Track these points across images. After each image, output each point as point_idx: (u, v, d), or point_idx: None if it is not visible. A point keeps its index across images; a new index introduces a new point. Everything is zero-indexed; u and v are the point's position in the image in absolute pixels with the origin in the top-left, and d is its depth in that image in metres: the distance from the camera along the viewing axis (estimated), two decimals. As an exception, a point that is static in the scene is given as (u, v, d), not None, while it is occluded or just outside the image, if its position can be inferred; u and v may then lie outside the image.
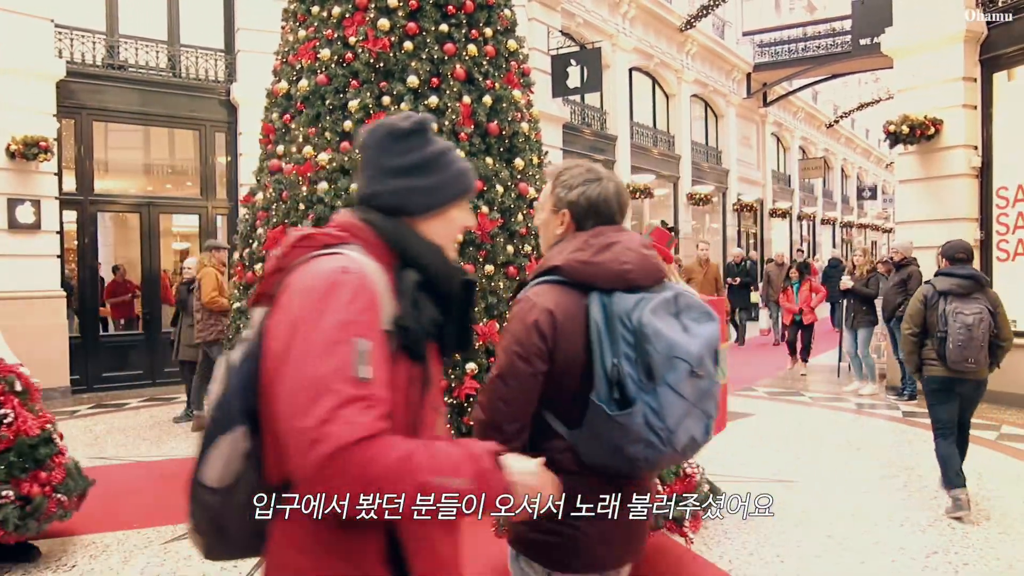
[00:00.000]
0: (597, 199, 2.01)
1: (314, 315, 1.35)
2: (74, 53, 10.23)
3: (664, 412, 1.76)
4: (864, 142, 37.29)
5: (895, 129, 9.55)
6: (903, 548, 4.41)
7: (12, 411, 4.16)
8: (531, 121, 5.89)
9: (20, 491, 4.03)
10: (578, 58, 14.27)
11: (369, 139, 1.64)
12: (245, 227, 5.78)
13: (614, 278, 1.87)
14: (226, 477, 1.42)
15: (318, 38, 5.48)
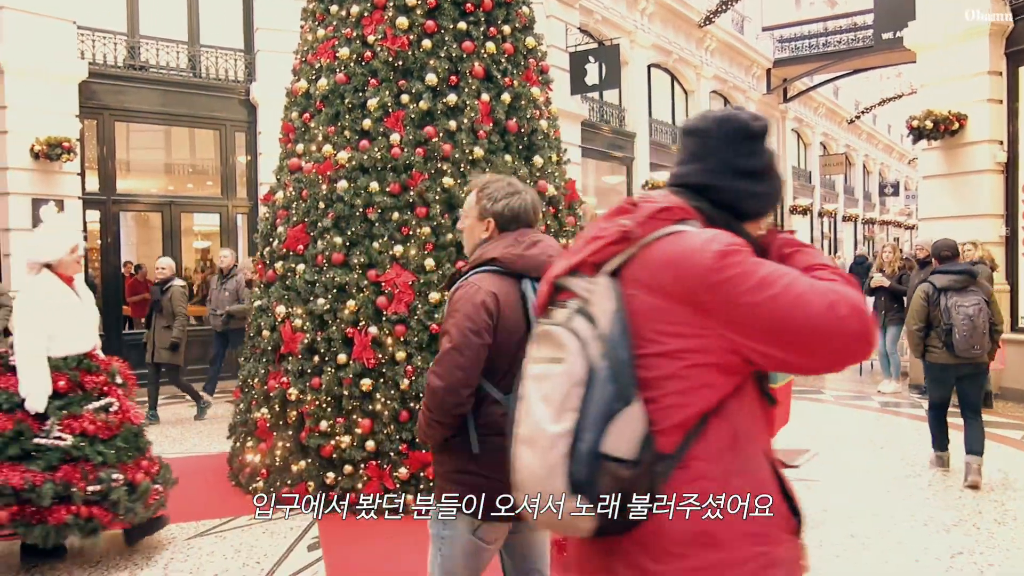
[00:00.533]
0: (519, 209, 2.41)
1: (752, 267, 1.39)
2: (96, 54, 10.33)
3: None
4: (886, 138, 36.91)
5: (918, 124, 9.44)
6: (927, 548, 4.36)
7: (116, 400, 4.30)
8: (550, 118, 5.88)
9: (127, 477, 4.16)
10: (596, 55, 14.22)
11: (717, 130, 1.61)
12: (265, 226, 5.82)
13: (543, 268, 2.16)
14: (634, 449, 1.40)
15: (337, 37, 5.50)
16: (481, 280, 2.31)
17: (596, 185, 17.53)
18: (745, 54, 22.16)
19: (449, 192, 5.13)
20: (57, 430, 4.03)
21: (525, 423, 1.48)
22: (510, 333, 2.27)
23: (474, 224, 2.47)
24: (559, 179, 5.80)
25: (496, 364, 2.27)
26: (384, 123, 5.24)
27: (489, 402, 2.28)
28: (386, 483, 4.90)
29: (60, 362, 4.16)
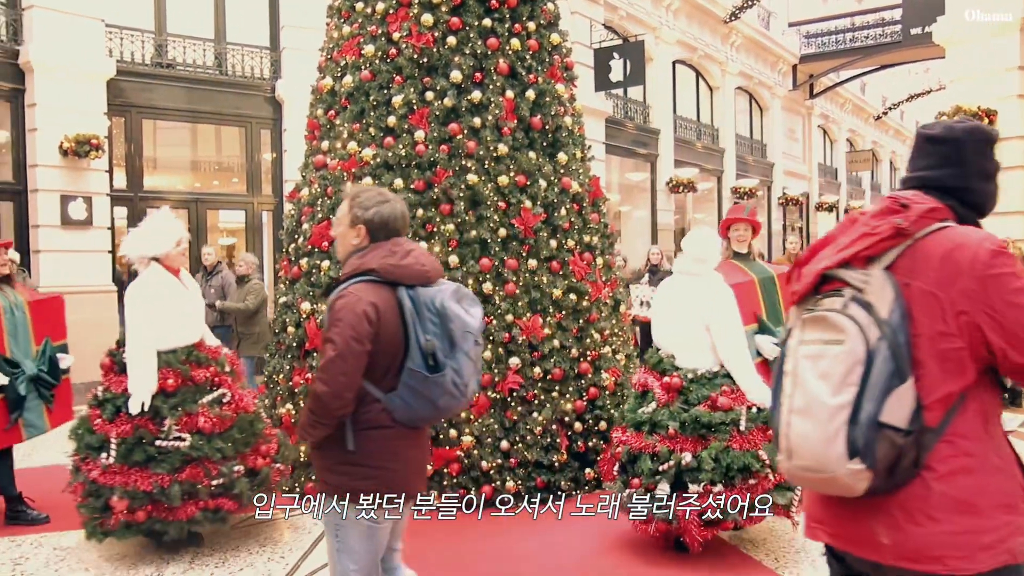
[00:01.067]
0: (388, 216, 2.57)
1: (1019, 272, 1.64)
2: (123, 52, 10.45)
3: (462, 371, 2.48)
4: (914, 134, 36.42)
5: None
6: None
7: (229, 390, 4.34)
8: (574, 115, 5.87)
9: (247, 464, 4.28)
10: (621, 51, 14.18)
11: (970, 139, 1.84)
12: (291, 223, 5.86)
13: (417, 276, 2.52)
14: (907, 419, 1.61)
15: (362, 34, 5.52)
16: (361, 290, 2.45)
17: (620, 182, 17.48)
18: (771, 50, 21.97)
19: (473, 189, 5.13)
20: (175, 431, 4.08)
21: (799, 396, 1.70)
22: (389, 338, 2.45)
23: (346, 231, 2.60)
24: (583, 176, 5.79)
25: (377, 366, 2.45)
26: (409, 120, 5.26)
27: (370, 400, 2.47)
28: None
29: (170, 356, 4.18)
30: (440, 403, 2.48)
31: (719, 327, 4.10)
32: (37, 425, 4.92)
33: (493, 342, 5.02)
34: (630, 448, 4.12)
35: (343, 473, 2.50)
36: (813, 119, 25.57)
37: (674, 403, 4.08)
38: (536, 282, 5.17)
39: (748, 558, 4.21)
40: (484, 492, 4.89)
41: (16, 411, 4.76)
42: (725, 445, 3.93)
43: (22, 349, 4.83)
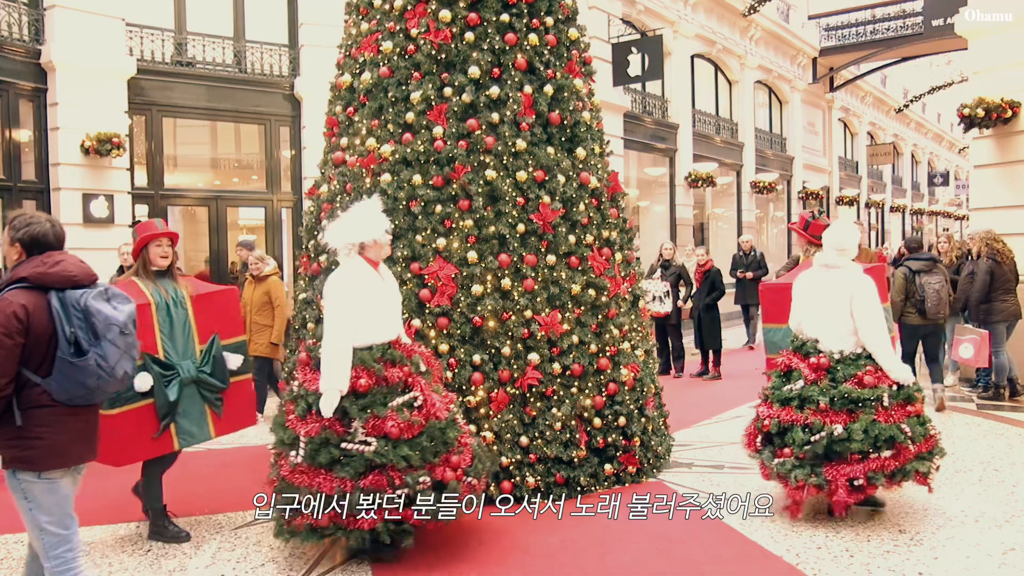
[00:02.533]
0: (37, 234, 3.11)
1: None
2: (144, 51, 10.53)
3: (107, 356, 3.02)
4: (936, 127, 36.04)
5: (970, 112, 9.21)
6: (979, 544, 4.27)
7: (421, 394, 4.11)
8: (592, 110, 5.85)
9: (434, 476, 4.01)
10: (639, 46, 14.11)
11: None
12: (310, 219, 5.88)
13: (64, 281, 3.05)
14: None
15: (380, 31, 5.53)
16: (13, 295, 2.97)
17: (639, 177, 17.40)
18: (790, 43, 21.78)
19: (492, 185, 5.13)
20: (362, 434, 3.94)
21: None
22: (40, 332, 2.97)
23: (8, 250, 3.15)
24: (602, 171, 5.77)
25: (33, 356, 2.97)
26: (427, 116, 5.26)
27: (32, 384, 2.99)
28: (429, 474, 4.93)
29: (365, 353, 4.05)
30: (90, 383, 3.01)
31: (863, 313, 4.62)
32: (194, 433, 4.53)
33: (512, 338, 5.01)
34: (780, 421, 4.63)
35: (15, 445, 3.00)
36: (833, 112, 25.35)
37: (822, 381, 4.59)
38: (555, 278, 5.16)
39: (770, 554, 4.20)
40: (504, 488, 4.89)
41: (167, 417, 4.39)
42: (872, 418, 4.40)
43: (180, 349, 4.48)
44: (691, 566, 4.06)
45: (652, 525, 4.58)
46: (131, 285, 4.43)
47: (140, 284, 4.48)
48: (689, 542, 4.36)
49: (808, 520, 4.68)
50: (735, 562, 4.11)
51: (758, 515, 4.73)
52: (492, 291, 5.03)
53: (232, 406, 4.74)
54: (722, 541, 4.39)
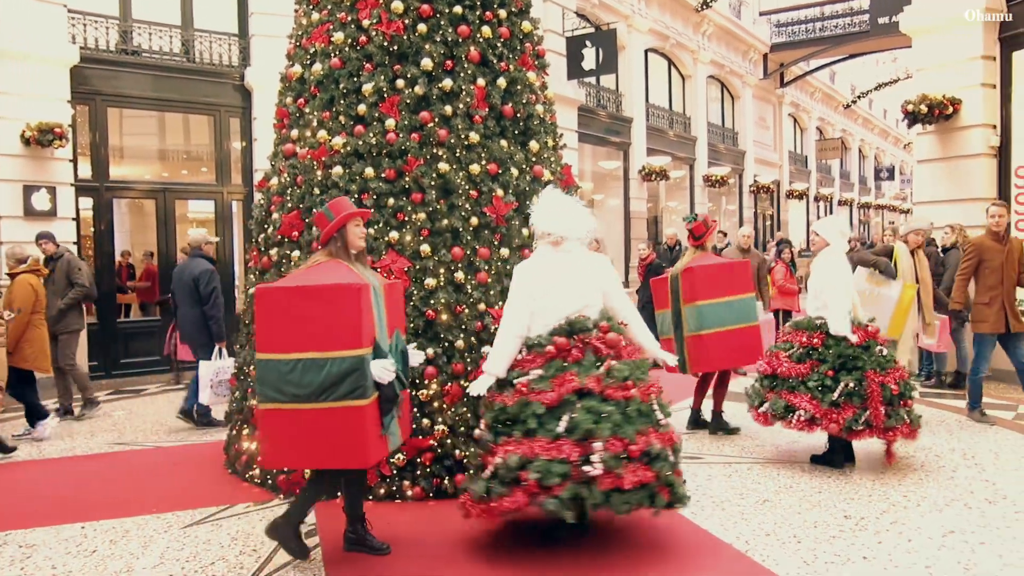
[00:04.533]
0: None
1: None
2: (87, 38, 10.25)
3: None
4: (882, 122, 36.89)
5: (913, 109, 9.44)
6: (920, 528, 4.39)
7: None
8: (546, 103, 5.86)
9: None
10: (593, 39, 14.17)
11: None
12: (260, 212, 5.80)
13: None
14: None
15: (332, 21, 5.47)
16: None
17: (593, 170, 17.50)
18: (742, 39, 22.08)
19: (445, 178, 5.11)
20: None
21: None
22: None
23: None
24: (555, 164, 5.79)
25: None
26: (379, 108, 5.22)
27: None
28: (383, 469, 4.91)
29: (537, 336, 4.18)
30: None
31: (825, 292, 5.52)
32: (396, 435, 4.02)
33: (466, 331, 5.01)
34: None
35: None
36: (784, 107, 25.78)
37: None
38: (508, 271, 5.17)
39: (720, 542, 4.27)
40: (457, 480, 4.89)
41: (389, 414, 3.84)
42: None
43: (384, 341, 3.94)
44: (642, 555, 4.10)
45: (602, 514, 4.61)
46: (340, 265, 3.91)
47: (348, 265, 3.94)
48: (640, 531, 4.41)
49: (757, 508, 4.77)
50: (686, 550, 4.17)
51: (709, 504, 4.82)
52: (445, 284, 5.02)
53: (405, 410, 4.18)
54: (673, 529, 4.45)
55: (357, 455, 3.69)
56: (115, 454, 6.53)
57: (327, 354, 3.59)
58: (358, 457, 3.70)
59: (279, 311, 3.65)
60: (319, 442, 3.65)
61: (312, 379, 3.59)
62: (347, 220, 3.97)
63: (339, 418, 3.60)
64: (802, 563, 3.94)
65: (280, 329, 3.66)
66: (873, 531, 4.38)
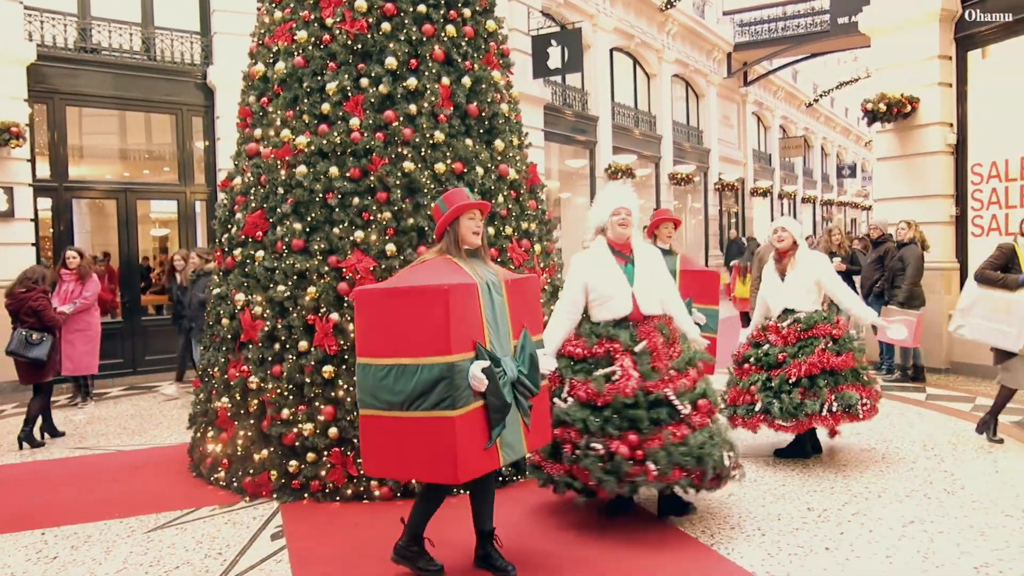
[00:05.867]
0: None
1: None
2: (45, 36, 10.06)
3: None
4: (843, 121, 37.45)
5: (872, 107, 9.61)
6: (881, 519, 4.48)
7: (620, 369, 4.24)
8: (511, 102, 5.87)
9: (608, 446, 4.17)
10: (558, 39, 14.21)
11: None
12: (223, 212, 5.74)
13: None
14: None
15: (294, 19, 5.43)
16: None
17: (559, 168, 17.55)
18: (706, 38, 22.28)
19: (410, 177, 5.10)
20: (565, 392, 4.30)
21: None
22: None
23: None
24: (520, 163, 5.81)
25: None
26: (343, 107, 5.19)
27: None
28: (350, 470, 4.89)
29: (586, 326, 4.41)
30: None
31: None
32: (514, 446, 3.67)
33: (432, 330, 5.00)
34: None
35: None
36: (747, 106, 26.06)
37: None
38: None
39: (686, 535, 4.31)
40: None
41: (499, 425, 3.56)
42: None
43: (502, 343, 3.66)
44: (610, 550, 4.13)
45: (570, 513, 4.65)
46: (448, 263, 3.70)
47: (458, 262, 3.72)
48: (608, 527, 4.45)
49: (722, 502, 4.82)
50: (653, 544, 4.21)
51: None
52: (411, 283, 5.01)
53: (537, 417, 3.83)
54: (640, 525, 4.49)
55: (446, 469, 3.38)
56: (76, 458, 6.42)
57: (418, 360, 3.37)
58: (447, 471, 3.38)
59: (373, 314, 3.51)
60: (411, 453, 3.44)
61: (404, 386, 3.39)
62: (459, 213, 3.72)
63: (429, 429, 3.37)
64: (766, 555, 4.00)
65: (374, 333, 3.50)
66: (835, 522, 4.45)
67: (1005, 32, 9.00)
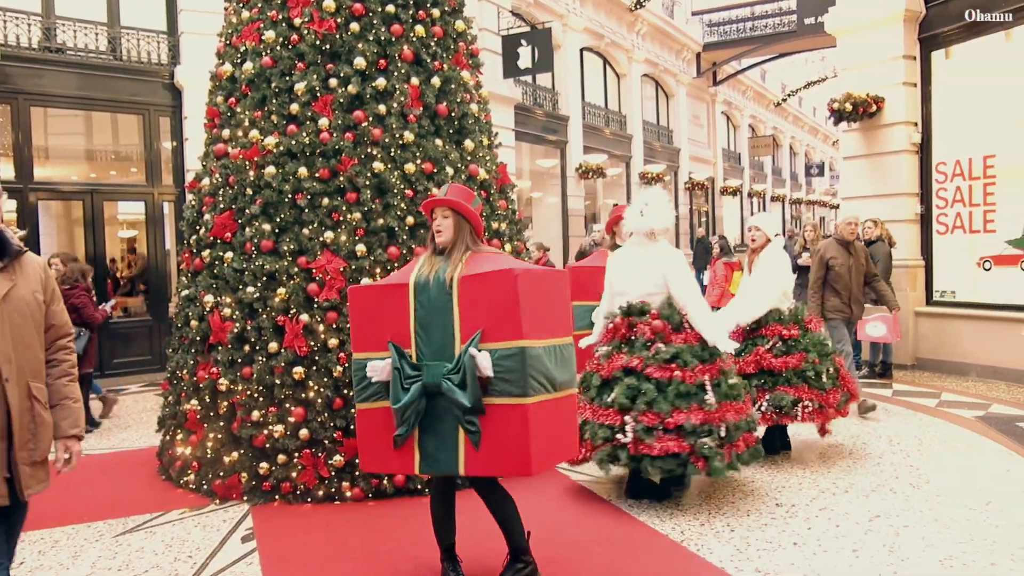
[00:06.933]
0: None
1: None
2: (8, 35, 9.89)
3: None
4: (811, 120, 37.88)
5: (839, 107, 9.74)
6: (848, 513, 4.55)
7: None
8: (480, 102, 5.88)
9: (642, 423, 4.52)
10: (529, 38, 14.24)
11: None
12: (192, 213, 5.69)
13: None
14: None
15: (262, 19, 5.40)
16: None
17: (531, 168, 17.58)
18: (675, 38, 22.42)
19: (380, 177, 5.09)
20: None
21: None
22: None
23: None
24: (490, 163, 5.82)
25: None
26: (312, 107, 5.17)
27: None
28: (321, 471, 4.88)
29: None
30: None
31: None
32: (439, 460, 3.41)
33: (403, 330, 4.99)
34: None
35: None
36: (717, 106, 26.27)
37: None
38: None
39: (657, 533, 4.35)
40: (396, 480, 4.89)
41: (402, 426, 3.41)
42: None
43: (433, 344, 3.41)
44: (582, 547, 4.16)
45: (543, 510, 4.67)
46: (415, 261, 3.66)
47: (422, 259, 3.61)
48: (579, 524, 4.48)
49: (692, 499, 4.87)
50: (624, 542, 4.24)
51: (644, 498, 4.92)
52: (382, 284, 5.00)
53: (496, 440, 3.31)
54: (611, 522, 4.53)
55: (363, 459, 3.69)
56: (43, 464, 6.32)
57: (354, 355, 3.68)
58: (364, 462, 3.68)
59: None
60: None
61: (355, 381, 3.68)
62: (426, 211, 3.66)
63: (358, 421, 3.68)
64: (735, 551, 4.05)
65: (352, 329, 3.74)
66: (803, 518, 4.51)
67: (967, 33, 9.17)
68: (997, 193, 8.94)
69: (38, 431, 2.88)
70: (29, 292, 2.85)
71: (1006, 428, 6.49)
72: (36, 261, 2.95)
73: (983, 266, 9.05)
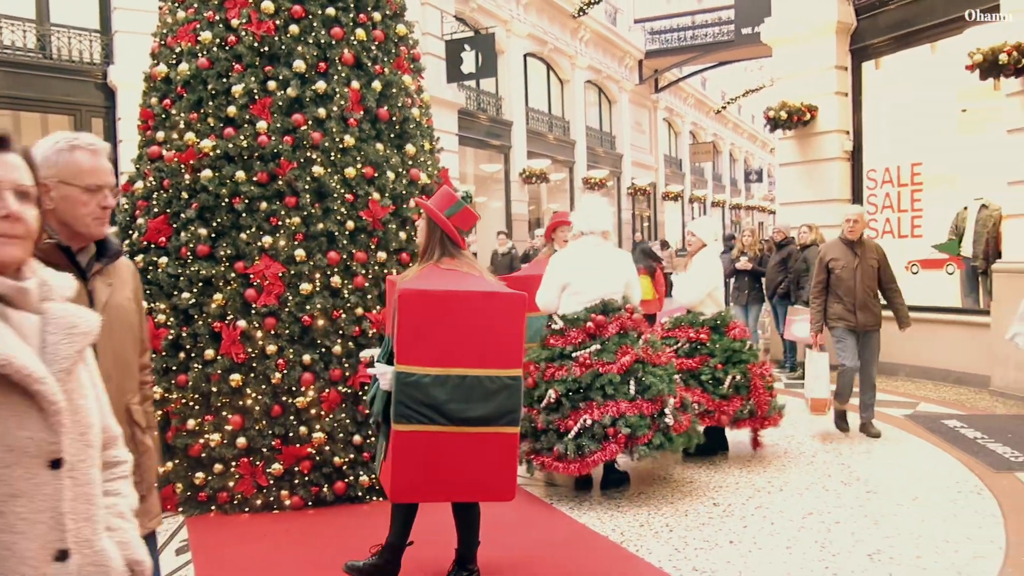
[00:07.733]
0: None
1: None
2: (-70, 32, 9.54)
3: None
4: (750, 127, 38.72)
5: (774, 115, 9.98)
6: (782, 511, 4.66)
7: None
8: (422, 107, 5.86)
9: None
10: (472, 43, 14.27)
11: None
12: (124, 217, 5.54)
13: None
14: None
15: (199, 20, 5.29)
16: None
17: (475, 173, 17.60)
18: (618, 45, 22.69)
19: (319, 181, 5.04)
20: None
21: None
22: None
23: None
24: (432, 167, 5.80)
25: None
26: (250, 110, 5.09)
27: None
28: (259, 480, 4.80)
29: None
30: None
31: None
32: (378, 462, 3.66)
33: (343, 336, 4.96)
34: None
35: None
36: (658, 112, 26.67)
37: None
38: (386, 274, 5.15)
39: (597, 535, 4.39)
40: (337, 488, 4.84)
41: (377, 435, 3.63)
42: None
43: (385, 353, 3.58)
44: (523, 550, 4.18)
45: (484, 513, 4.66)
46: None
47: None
48: (520, 527, 4.49)
49: (631, 500, 4.94)
50: (565, 543, 4.28)
51: (587, 498, 4.96)
52: (321, 289, 4.95)
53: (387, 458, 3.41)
54: (552, 524, 4.56)
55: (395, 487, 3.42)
56: None
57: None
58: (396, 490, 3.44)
59: None
60: None
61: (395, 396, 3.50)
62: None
63: None
64: (673, 551, 4.11)
65: None
66: (739, 516, 4.61)
67: (896, 44, 9.49)
68: (924, 200, 9.27)
69: (141, 460, 2.36)
70: (126, 299, 2.38)
71: (932, 426, 6.73)
72: (128, 263, 2.50)
73: (911, 270, 9.36)
